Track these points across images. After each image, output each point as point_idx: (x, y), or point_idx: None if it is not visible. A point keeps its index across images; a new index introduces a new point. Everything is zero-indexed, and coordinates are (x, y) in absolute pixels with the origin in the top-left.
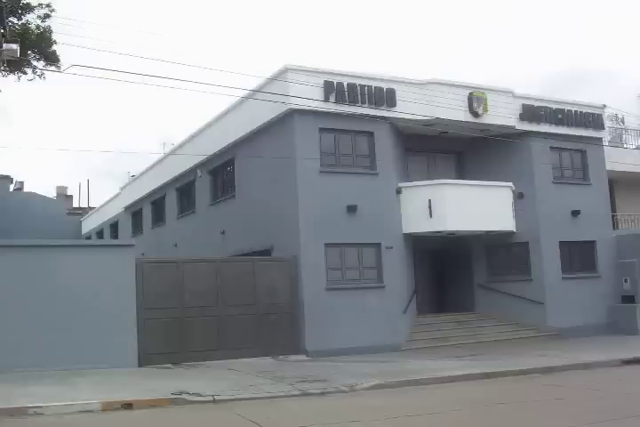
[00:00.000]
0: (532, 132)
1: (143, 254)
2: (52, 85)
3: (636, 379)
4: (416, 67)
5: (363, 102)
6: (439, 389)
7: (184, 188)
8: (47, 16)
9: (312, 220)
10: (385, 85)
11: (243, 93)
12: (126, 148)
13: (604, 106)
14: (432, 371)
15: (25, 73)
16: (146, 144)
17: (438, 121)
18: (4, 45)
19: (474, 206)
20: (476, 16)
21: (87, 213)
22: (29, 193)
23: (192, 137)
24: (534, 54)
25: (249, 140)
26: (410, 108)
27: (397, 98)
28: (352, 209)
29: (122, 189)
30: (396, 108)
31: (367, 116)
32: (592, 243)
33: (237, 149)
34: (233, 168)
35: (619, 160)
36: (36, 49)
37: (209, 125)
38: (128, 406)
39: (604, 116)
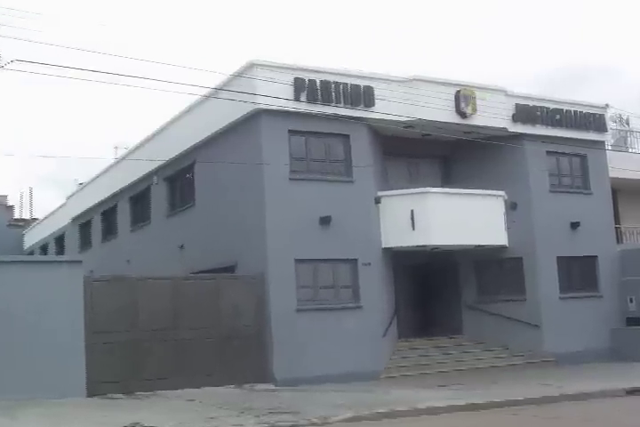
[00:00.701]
0: (526, 134)
1: (92, 272)
2: None
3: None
4: (398, 64)
5: (337, 102)
6: (420, 422)
7: (138, 197)
8: None
9: (281, 233)
10: (362, 83)
11: (204, 92)
12: (74, 152)
13: (607, 106)
14: (413, 402)
15: None
16: (96, 148)
17: (421, 122)
18: None
19: (461, 218)
20: (466, 8)
21: (30, 225)
22: None
23: (147, 140)
24: (529, 50)
25: (211, 144)
26: (390, 108)
27: (376, 97)
28: (325, 221)
29: (68, 198)
30: (374, 108)
31: (342, 116)
32: (593, 258)
33: (198, 153)
34: (193, 175)
35: (623, 166)
36: None
37: (166, 127)
38: None
39: (607, 117)
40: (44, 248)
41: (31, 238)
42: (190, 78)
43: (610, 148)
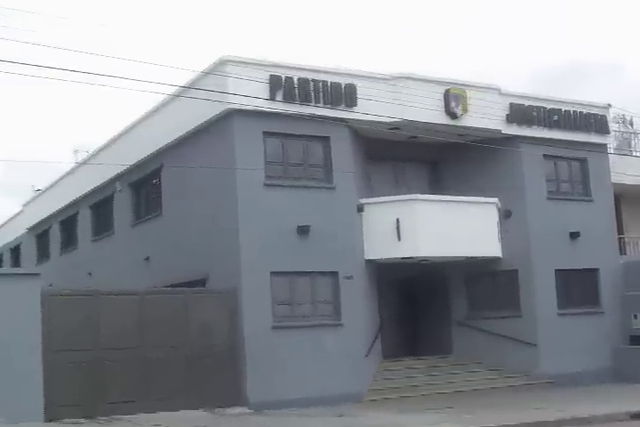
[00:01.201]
0: (521, 136)
1: (51, 285)
2: None
3: None
4: (383, 61)
5: (317, 101)
6: None
7: (100, 204)
8: None
9: (255, 243)
10: (343, 81)
11: (173, 90)
12: (30, 156)
13: (609, 105)
14: None
15: None
16: (55, 152)
17: (408, 123)
18: None
19: (451, 227)
20: (457, 1)
21: None
22: None
23: (110, 143)
24: (525, 46)
25: (179, 147)
26: (374, 108)
27: (358, 96)
28: (304, 231)
29: (24, 206)
30: (356, 108)
31: (322, 117)
32: (594, 271)
33: (165, 157)
34: (160, 181)
35: (626, 171)
36: None
37: (131, 129)
38: None
39: (609, 118)
40: None
41: None
42: (158, 76)
43: (612, 151)
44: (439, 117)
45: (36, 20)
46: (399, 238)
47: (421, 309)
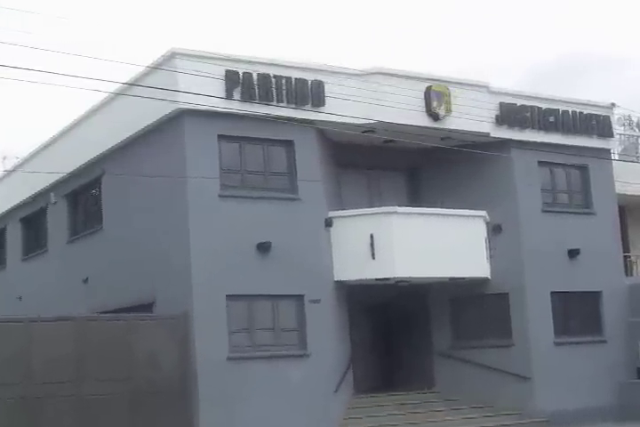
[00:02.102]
0: (513, 141)
1: None
2: None
3: None
4: (357, 56)
5: (279, 100)
6: None
7: (32, 218)
8: None
9: (209, 263)
10: (310, 77)
11: (115, 88)
12: None
13: (613, 105)
14: None
15: None
16: None
17: (383, 125)
18: None
19: (433, 244)
20: None
21: None
22: None
23: (43, 148)
24: (518, 38)
25: (122, 153)
26: (344, 109)
27: (327, 94)
28: (264, 248)
29: None
30: (325, 108)
31: (285, 118)
32: (596, 294)
33: (106, 164)
34: (100, 191)
35: (633, 180)
36: None
37: (67, 132)
38: None
39: (613, 120)
40: None
41: None
42: (100, 72)
43: (617, 157)
44: (419, 119)
45: None
46: (373, 257)
47: (399, 337)
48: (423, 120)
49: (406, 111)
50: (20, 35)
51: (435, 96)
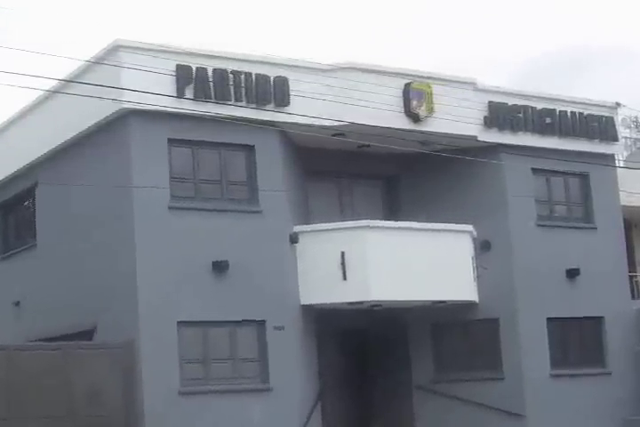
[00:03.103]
0: (503, 145)
1: None
2: None
3: None
4: (327, 50)
5: (237, 99)
6: None
7: None
8: None
9: (158, 284)
10: (273, 73)
11: (51, 85)
12: None
13: (618, 105)
14: None
15: None
16: None
17: (356, 128)
18: None
19: (412, 263)
20: None
21: None
22: None
23: None
24: (509, 29)
25: (59, 159)
26: (312, 109)
27: (292, 92)
28: (221, 267)
29: None
30: (289, 108)
31: (244, 120)
32: (599, 320)
33: (41, 172)
34: (33, 203)
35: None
36: None
37: None
38: None
39: (618, 121)
40: None
41: None
42: (35, 67)
43: (622, 164)
44: (397, 120)
45: None
46: (344, 277)
47: (374, 368)
48: (402, 122)
49: (382, 112)
50: None
51: (415, 95)
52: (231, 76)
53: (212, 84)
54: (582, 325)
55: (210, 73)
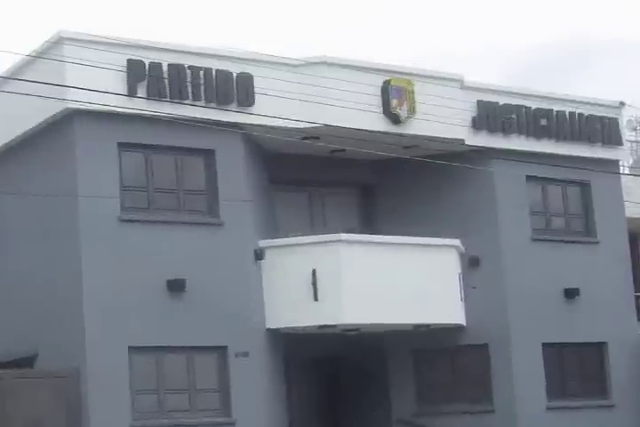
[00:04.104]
0: (494, 150)
1: None
2: None
3: None
4: (298, 45)
5: (196, 98)
6: None
7: None
8: None
9: (106, 306)
10: (236, 68)
11: None
12: None
13: (622, 104)
14: None
15: None
16: None
17: (329, 131)
18: None
19: (392, 282)
20: None
21: None
22: None
23: None
24: (501, 20)
25: None
26: (280, 109)
27: (258, 90)
28: (177, 286)
29: None
30: (254, 109)
31: (203, 122)
32: (601, 346)
33: None
34: None
35: None
36: None
37: None
38: None
39: (622, 123)
40: None
41: None
42: None
43: (627, 171)
44: (374, 122)
45: None
46: (315, 298)
47: (349, 399)
48: (380, 123)
49: (358, 112)
50: None
51: (395, 92)
52: (189, 72)
53: (167, 81)
54: (582, 351)
55: (165, 69)
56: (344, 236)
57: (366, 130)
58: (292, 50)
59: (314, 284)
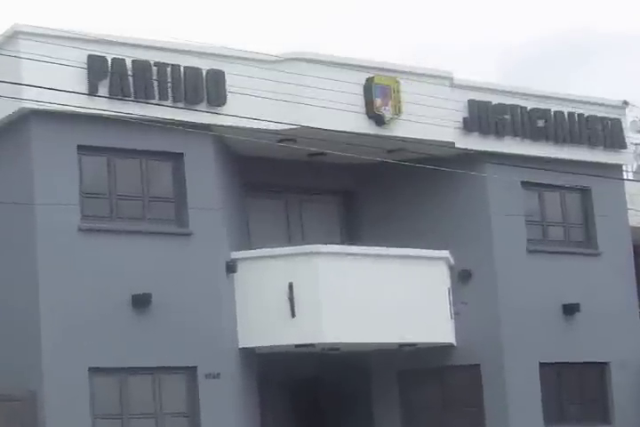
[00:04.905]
0: (487, 153)
1: None
2: None
3: None
4: (274, 41)
5: (163, 97)
6: None
7: None
8: None
9: (66, 323)
10: (206, 65)
11: None
12: None
13: (626, 104)
14: None
15: None
16: None
17: (307, 132)
18: None
19: (375, 297)
20: None
21: None
22: None
23: None
24: (494, 12)
25: None
26: (253, 109)
27: (229, 88)
28: (142, 302)
29: None
30: (226, 109)
31: (171, 122)
32: (602, 367)
33: None
34: None
35: None
36: None
37: None
38: None
39: (626, 124)
40: None
41: None
42: None
43: (631, 176)
44: (356, 123)
45: None
46: (293, 314)
47: (329, 425)
48: (362, 125)
49: (339, 113)
50: None
51: (378, 91)
52: (155, 68)
53: (131, 78)
54: (583, 372)
55: (129, 65)
56: (323, 247)
57: (347, 132)
58: (267, 45)
59: (291, 299)
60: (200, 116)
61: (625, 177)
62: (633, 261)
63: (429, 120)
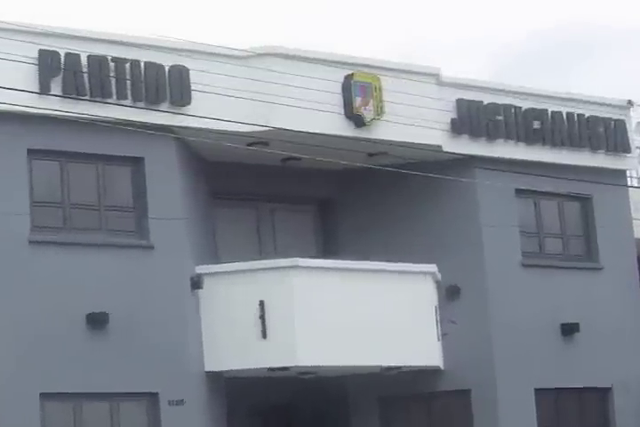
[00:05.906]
0: (477, 158)
1: None
2: None
3: None
4: (242, 36)
5: (121, 96)
6: None
7: None
8: None
9: (14, 345)
10: (168, 60)
11: None
12: None
13: (630, 104)
14: None
15: None
16: None
17: (280, 135)
18: None
19: (355, 316)
20: None
21: None
22: None
23: None
24: (487, 5)
25: None
26: (220, 109)
27: (194, 86)
28: (99, 321)
29: None
30: (190, 109)
31: (130, 124)
32: (604, 392)
33: None
34: None
35: None
36: None
37: None
38: None
39: (630, 126)
40: None
41: None
42: None
43: (635, 182)
44: (334, 124)
45: None
46: (264, 335)
47: None
48: (341, 126)
49: (315, 113)
50: None
51: (358, 90)
52: (112, 64)
53: (86, 75)
54: (583, 398)
55: (84, 61)
56: (299, 261)
57: (324, 134)
58: (237, 39)
59: (262, 318)
60: (162, 117)
61: (629, 184)
62: (638, 277)
63: (414, 121)
